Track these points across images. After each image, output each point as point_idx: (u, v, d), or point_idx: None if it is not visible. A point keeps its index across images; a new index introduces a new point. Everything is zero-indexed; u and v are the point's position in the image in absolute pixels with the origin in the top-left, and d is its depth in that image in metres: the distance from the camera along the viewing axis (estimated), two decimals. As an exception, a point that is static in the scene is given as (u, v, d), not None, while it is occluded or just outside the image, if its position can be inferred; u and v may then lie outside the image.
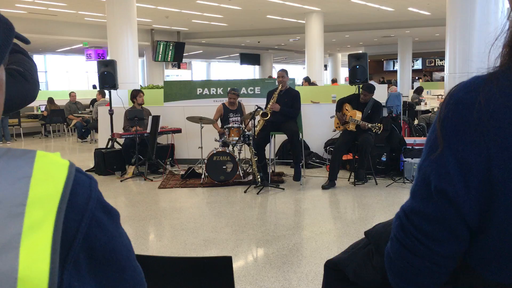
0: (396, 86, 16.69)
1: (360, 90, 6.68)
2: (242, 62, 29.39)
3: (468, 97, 0.80)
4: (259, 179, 6.32)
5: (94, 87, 16.23)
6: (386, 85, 10.12)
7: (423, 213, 0.84)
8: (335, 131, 7.21)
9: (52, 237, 0.58)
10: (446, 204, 0.81)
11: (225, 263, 1.58)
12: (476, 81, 0.81)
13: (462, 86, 0.83)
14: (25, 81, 1.35)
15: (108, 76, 8.00)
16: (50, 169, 0.61)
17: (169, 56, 20.46)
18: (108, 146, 8.11)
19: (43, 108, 13.51)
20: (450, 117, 0.81)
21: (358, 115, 6.43)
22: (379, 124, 6.18)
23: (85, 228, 0.62)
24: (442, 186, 0.81)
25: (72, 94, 13.53)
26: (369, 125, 6.19)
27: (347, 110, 6.60)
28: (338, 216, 5.34)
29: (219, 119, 7.41)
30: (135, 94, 7.90)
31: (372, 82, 13.13)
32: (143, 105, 7.99)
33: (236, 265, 3.81)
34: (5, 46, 0.65)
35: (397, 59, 25.75)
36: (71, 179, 0.62)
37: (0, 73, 0.67)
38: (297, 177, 6.68)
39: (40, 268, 0.56)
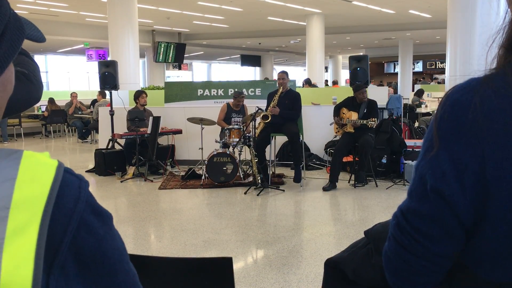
0: (396, 88, 16.66)
1: (354, 93, 6.65)
2: (243, 64, 29.40)
3: (463, 98, 0.81)
4: (259, 181, 6.32)
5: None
6: (387, 88, 10.13)
7: (419, 213, 0.85)
8: (335, 136, 7.25)
9: (37, 242, 0.55)
10: (442, 203, 0.82)
11: (226, 264, 1.58)
12: (471, 83, 0.83)
13: (458, 87, 0.84)
14: (30, 83, 1.35)
15: (109, 77, 8.01)
16: (37, 170, 0.58)
17: (170, 57, 20.47)
18: (109, 147, 8.11)
19: (43, 109, 13.52)
20: (446, 118, 0.83)
21: (354, 116, 6.48)
22: (373, 119, 6.24)
23: (73, 231, 0.59)
24: (438, 186, 0.82)
25: (73, 95, 13.53)
26: (364, 121, 6.25)
27: (344, 113, 6.64)
28: (338, 218, 5.34)
29: None
30: (138, 95, 7.92)
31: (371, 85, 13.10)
32: (145, 106, 8.00)
33: (236, 266, 3.81)
34: (12, 49, 0.64)
35: (398, 61, 25.76)
36: (59, 181, 0.59)
37: (9, 73, 0.66)
38: (297, 178, 6.68)
39: (23, 274, 0.54)
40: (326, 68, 29.50)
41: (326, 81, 21.31)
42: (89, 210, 0.62)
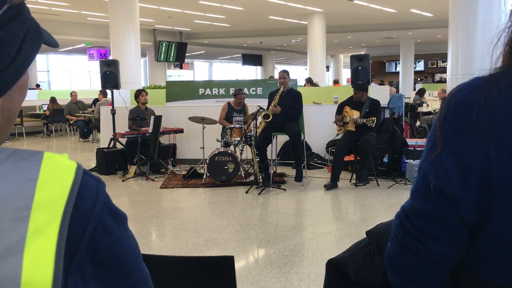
0: (397, 87, 16.65)
1: (353, 90, 6.71)
2: (244, 63, 29.38)
3: (468, 97, 0.81)
4: (260, 180, 6.32)
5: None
6: (388, 87, 10.13)
7: (422, 213, 0.84)
8: (338, 134, 7.25)
9: (57, 241, 0.57)
10: (445, 203, 0.81)
11: (227, 262, 1.58)
12: (476, 82, 0.82)
13: (463, 86, 0.83)
14: None
15: (110, 76, 8.01)
16: (57, 172, 0.60)
17: (171, 56, 20.47)
18: (110, 146, 8.12)
19: (45, 108, 13.53)
20: (450, 117, 0.82)
21: (356, 114, 6.48)
22: (372, 118, 6.24)
23: (91, 232, 0.61)
24: (441, 186, 0.81)
25: (73, 94, 13.53)
26: (364, 120, 6.25)
27: (346, 112, 6.64)
28: (340, 217, 5.34)
29: None
30: (138, 94, 7.94)
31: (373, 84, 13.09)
32: (147, 105, 8.00)
33: (238, 265, 3.82)
34: (32, 52, 0.66)
35: (399, 60, 25.73)
36: (78, 182, 0.61)
37: (26, 77, 0.68)
38: (298, 177, 6.68)
39: (44, 273, 0.55)
40: (328, 67, 29.48)
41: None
42: (106, 211, 0.64)
